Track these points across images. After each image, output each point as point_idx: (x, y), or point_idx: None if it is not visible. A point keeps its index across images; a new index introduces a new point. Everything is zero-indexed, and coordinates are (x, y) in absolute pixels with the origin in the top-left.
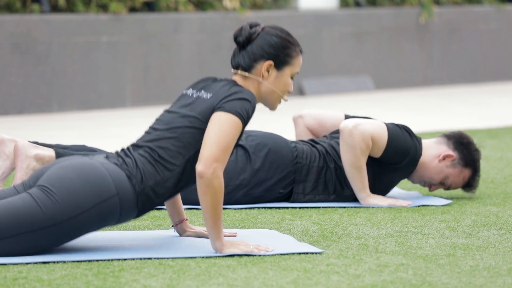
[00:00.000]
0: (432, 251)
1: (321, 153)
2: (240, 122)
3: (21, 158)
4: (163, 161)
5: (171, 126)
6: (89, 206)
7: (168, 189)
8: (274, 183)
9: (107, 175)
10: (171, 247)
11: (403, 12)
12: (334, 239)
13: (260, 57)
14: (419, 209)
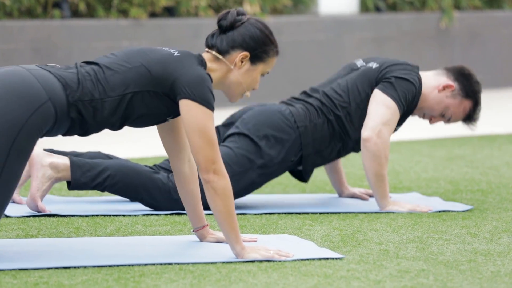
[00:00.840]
0: (453, 256)
1: (317, 108)
2: (203, 106)
3: (36, 167)
4: (105, 83)
5: (129, 58)
6: (24, 119)
7: (104, 115)
8: (284, 155)
9: (34, 80)
10: (192, 253)
11: (423, 17)
12: (355, 244)
13: (238, 45)
14: (439, 214)
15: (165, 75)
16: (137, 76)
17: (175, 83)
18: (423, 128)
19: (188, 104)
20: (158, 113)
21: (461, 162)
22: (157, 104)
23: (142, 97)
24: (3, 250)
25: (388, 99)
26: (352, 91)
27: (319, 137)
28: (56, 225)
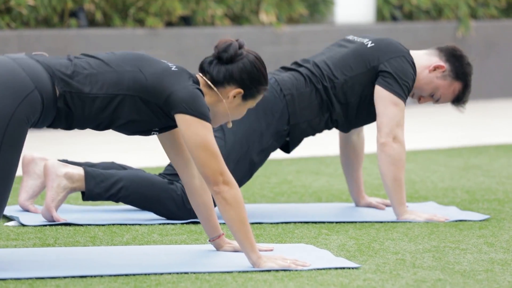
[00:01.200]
0: (470, 266)
1: (305, 76)
2: (202, 120)
3: (51, 177)
4: (99, 79)
5: (129, 61)
6: (12, 110)
7: (92, 111)
8: (275, 126)
9: (19, 70)
10: (208, 262)
11: (440, 26)
12: (371, 254)
13: (235, 81)
14: (456, 224)
15: (160, 88)
16: (133, 80)
17: (170, 97)
18: (440, 138)
19: (187, 119)
20: (147, 121)
21: (477, 171)
22: (148, 112)
23: (134, 102)
24: (20, 259)
25: (393, 97)
26: (343, 66)
27: (307, 105)
28: (73, 234)
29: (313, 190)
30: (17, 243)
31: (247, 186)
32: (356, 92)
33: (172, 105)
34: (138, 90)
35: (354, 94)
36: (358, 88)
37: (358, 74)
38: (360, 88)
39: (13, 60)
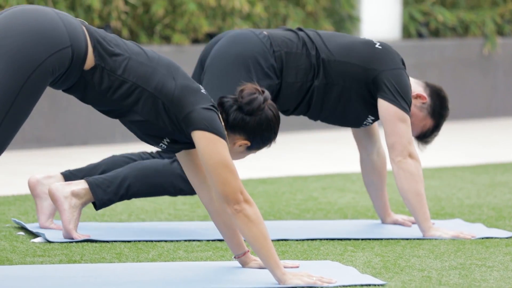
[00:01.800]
0: (497, 284)
1: (301, 39)
2: (222, 139)
3: (60, 200)
4: (135, 68)
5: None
6: (42, 59)
7: (114, 96)
8: (266, 82)
9: (61, 24)
10: (234, 278)
11: (466, 43)
12: (397, 271)
13: (246, 133)
14: (482, 241)
15: (184, 102)
16: (163, 83)
17: (191, 114)
18: (465, 155)
19: (207, 136)
20: (161, 127)
21: (504, 188)
22: (165, 119)
23: (157, 104)
24: (46, 275)
25: (401, 113)
26: (345, 50)
27: (294, 66)
28: (99, 250)
29: (338, 206)
30: (43, 259)
31: (273, 203)
32: (343, 79)
33: (191, 122)
34: (164, 95)
35: (340, 79)
36: (347, 77)
37: (355, 65)
38: (348, 79)
39: (56, 13)
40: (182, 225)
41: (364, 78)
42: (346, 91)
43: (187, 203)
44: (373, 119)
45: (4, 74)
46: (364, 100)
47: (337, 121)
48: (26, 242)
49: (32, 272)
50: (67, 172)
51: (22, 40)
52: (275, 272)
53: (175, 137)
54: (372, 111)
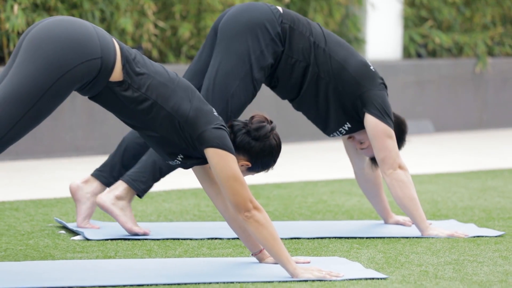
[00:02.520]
0: (486, 277)
1: (310, 25)
2: (232, 154)
3: (110, 209)
4: (154, 84)
5: (183, 88)
6: (73, 65)
7: (138, 108)
8: (272, 46)
9: (95, 37)
10: (251, 272)
11: (460, 63)
12: (398, 266)
13: (249, 156)
14: (474, 239)
15: (198, 123)
16: (179, 104)
17: (204, 133)
18: (459, 162)
19: (219, 152)
20: (177, 144)
21: (494, 192)
22: (180, 136)
23: (173, 122)
24: (85, 270)
25: (387, 129)
26: (344, 59)
27: (295, 42)
28: (131, 247)
29: (345, 209)
30: (82, 255)
31: (286, 205)
32: (334, 78)
33: (205, 140)
34: (180, 115)
35: (331, 77)
36: (338, 79)
37: (349, 74)
38: (339, 82)
39: (94, 28)
40: (205, 225)
41: (353, 90)
42: (332, 91)
43: (210, 205)
44: (349, 127)
45: (36, 72)
46: (344, 108)
47: (318, 118)
48: (66, 239)
49: (72, 266)
50: (96, 172)
51: (59, 45)
52: (287, 267)
53: (189, 153)
54: (350, 120)
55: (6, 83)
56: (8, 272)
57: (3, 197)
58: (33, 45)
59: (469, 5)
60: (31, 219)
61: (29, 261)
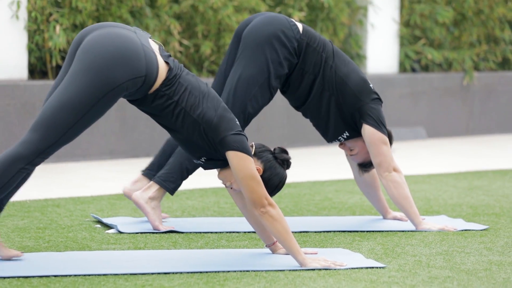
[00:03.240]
0: (473, 266)
1: (324, 43)
2: (249, 156)
3: (143, 206)
4: (185, 95)
5: (211, 98)
6: (121, 82)
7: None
8: (289, 58)
9: (142, 55)
10: (265, 262)
11: (449, 76)
12: (395, 256)
13: (263, 165)
14: (462, 233)
15: (220, 129)
16: (205, 113)
17: (226, 138)
18: (449, 164)
19: (239, 155)
20: (201, 146)
21: (479, 191)
22: (204, 140)
23: (198, 128)
24: (118, 259)
25: (383, 136)
26: (347, 76)
27: (308, 58)
28: (159, 240)
29: (348, 205)
30: (115, 246)
31: (296, 202)
32: (337, 92)
33: (226, 144)
34: (205, 122)
35: (334, 90)
36: (340, 92)
37: (350, 88)
38: (341, 95)
39: (142, 45)
40: (224, 220)
41: (353, 102)
42: (334, 103)
43: (228, 202)
44: (347, 135)
45: (90, 85)
46: (344, 119)
47: (320, 125)
48: (101, 233)
49: (107, 256)
50: (146, 171)
51: (111, 63)
52: (297, 258)
53: (211, 155)
54: (349, 129)
55: (62, 91)
56: (51, 261)
57: (46, 195)
58: (88, 58)
59: (458, 25)
60: (70, 215)
61: (69, 251)
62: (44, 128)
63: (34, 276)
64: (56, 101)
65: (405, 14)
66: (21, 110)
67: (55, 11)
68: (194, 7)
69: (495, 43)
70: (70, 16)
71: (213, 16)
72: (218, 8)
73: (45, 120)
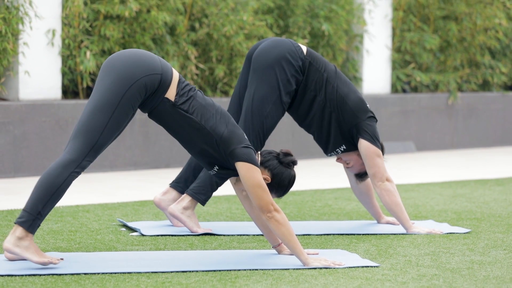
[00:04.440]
0: (457, 265)
1: (327, 65)
2: (256, 167)
3: (179, 217)
4: (200, 109)
5: (222, 115)
6: (138, 78)
7: (185, 126)
8: (296, 77)
9: (158, 60)
10: (272, 261)
11: (436, 96)
12: (387, 256)
13: (271, 173)
14: (447, 235)
15: (230, 142)
16: (215, 127)
17: (235, 150)
18: (436, 175)
19: (247, 165)
20: (214, 156)
21: (462, 198)
22: (216, 151)
23: (211, 140)
24: (142, 258)
25: (377, 150)
26: (346, 94)
27: (311, 76)
28: (177, 241)
29: (346, 211)
30: (138, 247)
31: (299, 208)
32: (336, 109)
33: (235, 156)
34: (216, 134)
35: (334, 107)
36: (339, 110)
37: (348, 107)
38: (340, 112)
39: (158, 57)
40: (235, 224)
41: (351, 119)
42: (334, 119)
43: (240, 208)
44: (344, 148)
45: (112, 84)
46: (342, 133)
47: (322, 137)
48: (126, 235)
49: (131, 256)
50: (173, 184)
51: (128, 63)
52: (300, 258)
53: (223, 165)
54: (346, 143)
55: (92, 99)
56: (81, 260)
57: (77, 201)
58: (109, 66)
59: (443, 51)
60: (98, 219)
61: (97, 252)
62: (84, 133)
63: (67, 274)
64: (88, 108)
65: (396, 41)
66: (55, 126)
67: (86, 39)
68: (209, 34)
69: (477, 67)
70: (99, 43)
71: (226, 43)
72: (230, 35)
73: (83, 126)
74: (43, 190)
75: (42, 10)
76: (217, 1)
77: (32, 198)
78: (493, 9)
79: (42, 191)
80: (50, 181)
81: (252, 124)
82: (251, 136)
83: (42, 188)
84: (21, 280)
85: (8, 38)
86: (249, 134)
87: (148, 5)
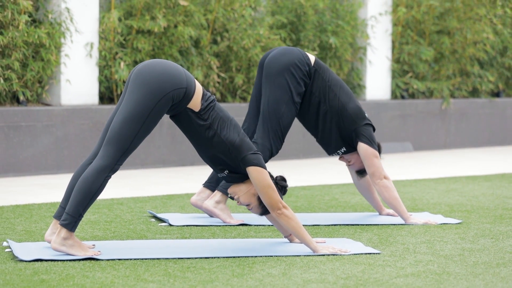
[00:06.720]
0: (450, 252)
1: (332, 75)
2: (266, 170)
3: (213, 211)
4: (218, 120)
5: (235, 127)
6: (167, 92)
7: (203, 134)
8: (304, 80)
9: (183, 73)
10: (284, 249)
11: (431, 102)
12: (388, 244)
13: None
14: (441, 225)
15: (241, 149)
16: (228, 135)
17: (247, 156)
18: (431, 172)
19: (258, 169)
20: (226, 161)
21: (455, 193)
22: (228, 157)
23: (224, 146)
24: (169, 246)
25: (375, 152)
26: (347, 102)
27: (316, 83)
28: (201, 231)
29: (351, 204)
30: (166, 236)
31: (309, 201)
32: (337, 115)
33: (246, 161)
34: (229, 142)
35: (335, 114)
36: (340, 116)
37: (348, 114)
38: (341, 118)
39: (183, 69)
40: (253, 216)
41: (350, 125)
42: (336, 124)
43: None
44: (345, 150)
45: (143, 98)
46: (343, 137)
47: (324, 140)
48: (156, 225)
49: (160, 244)
50: (206, 184)
51: (158, 79)
52: (310, 246)
53: (233, 169)
54: (346, 145)
55: (123, 109)
56: (116, 247)
57: (113, 195)
58: (139, 79)
59: (437, 62)
60: (131, 211)
61: (130, 240)
62: (116, 141)
63: (103, 259)
64: (120, 118)
65: (396, 53)
66: (93, 129)
67: (120, 51)
68: (230, 47)
69: (467, 76)
70: (131, 55)
71: (244, 54)
72: (248, 48)
73: (116, 134)
74: (82, 194)
75: (82, 25)
76: (237, 18)
77: (73, 202)
78: (481, 24)
79: (81, 195)
80: (88, 186)
81: (271, 124)
82: (271, 134)
83: (81, 193)
84: (63, 264)
85: (52, 50)
86: (268, 133)
87: (175, 21)
